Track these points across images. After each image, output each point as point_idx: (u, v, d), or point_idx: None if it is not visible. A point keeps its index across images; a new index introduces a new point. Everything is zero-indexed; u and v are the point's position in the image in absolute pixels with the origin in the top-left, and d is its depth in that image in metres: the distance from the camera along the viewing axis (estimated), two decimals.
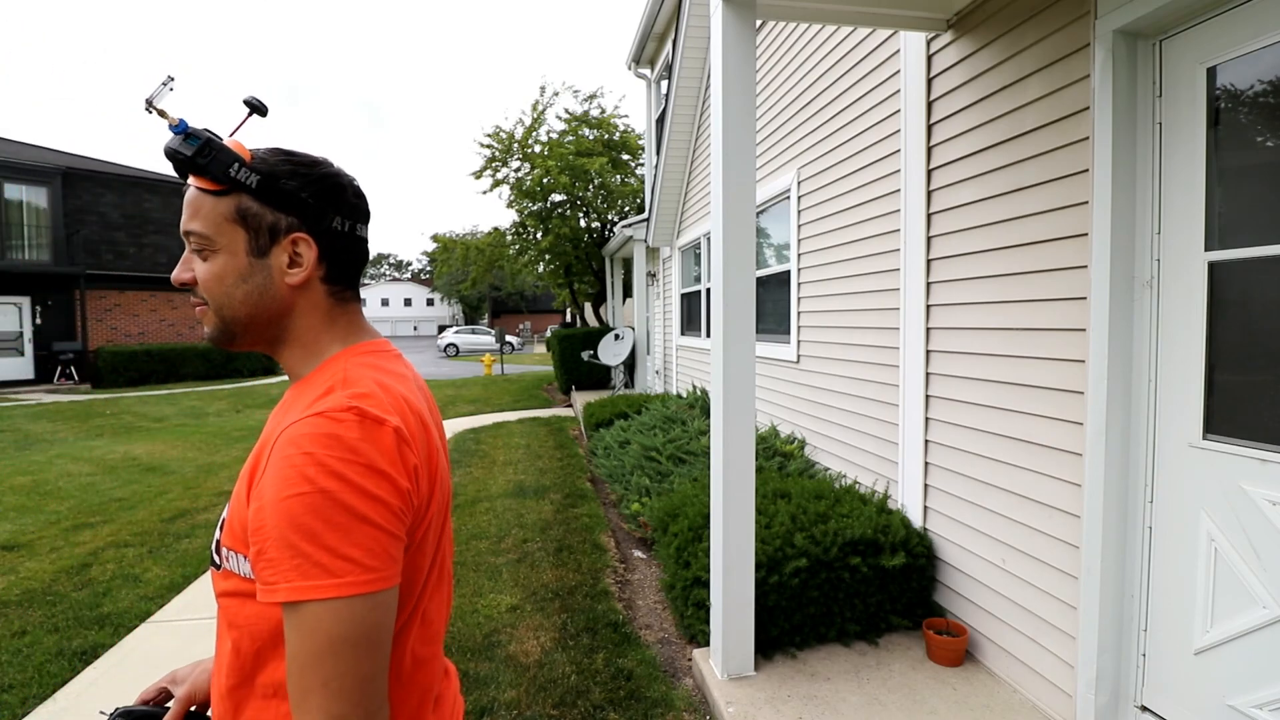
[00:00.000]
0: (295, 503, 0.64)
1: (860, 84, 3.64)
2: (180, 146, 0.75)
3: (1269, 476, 1.71)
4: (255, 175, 0.77)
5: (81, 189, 16.48)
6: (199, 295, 0.79)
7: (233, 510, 0.75)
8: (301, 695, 0.64)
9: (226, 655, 0.76)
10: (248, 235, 0.78)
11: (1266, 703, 1.72)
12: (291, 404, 0.78)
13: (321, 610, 0.63)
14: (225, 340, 0.81)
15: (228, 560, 0.75)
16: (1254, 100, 1.77)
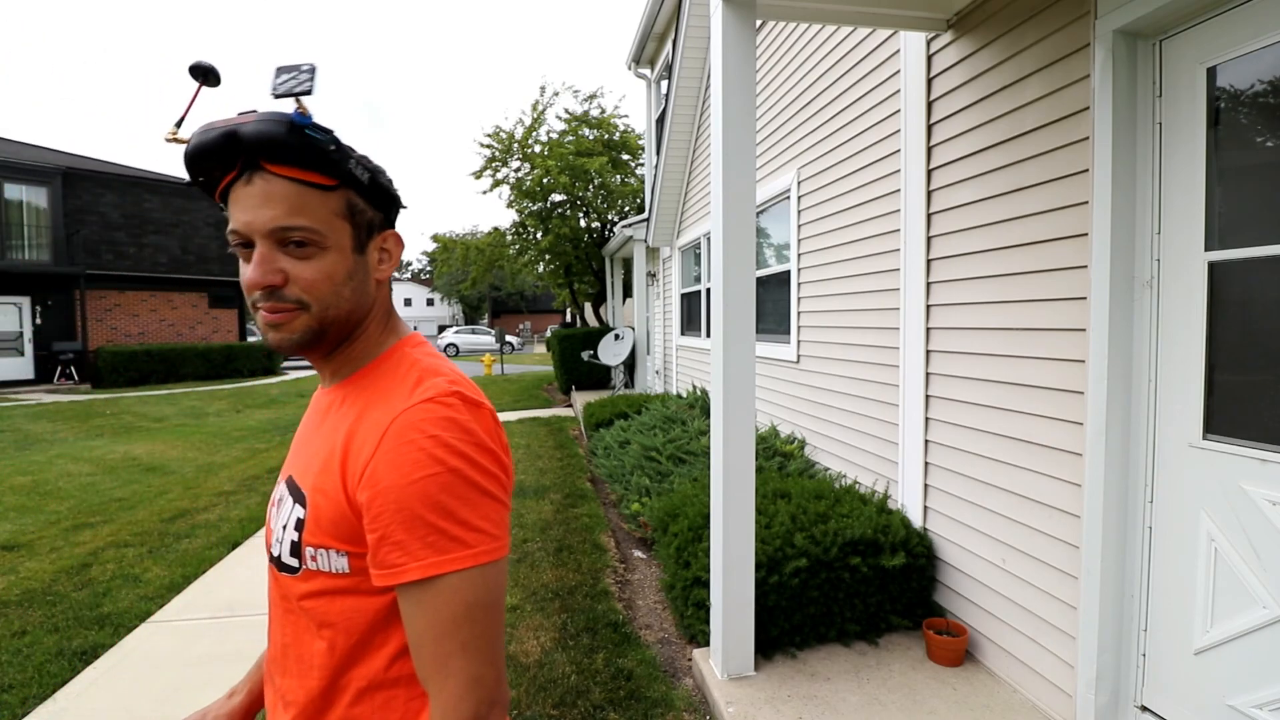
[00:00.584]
0: (430, 483, 0.67)
1: (860, 84, 3.64)
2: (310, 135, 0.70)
3: (1269, 476, 1.71)
4: (367, 171, 0.76)
5: (81, 189, 16.48)
6: (288, 300, 0.72)
7: (317, 508, 0.72)
8: (440, 663, 0.67)
9: (316, 657, 0.74)
10: (354, 232, 0.76)
11: (1267, 703, 1.72)
12: (362, 395, 0.76)
13: (458, 580, 0.67)
14: (311, 343, 0.75)
15: (313, 560, 0.73)
16: (1254, 100, 1.77)
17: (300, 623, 0.76)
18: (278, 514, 0.79)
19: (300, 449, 0.83)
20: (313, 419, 0.84)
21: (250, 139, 0.68)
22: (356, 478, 0.70)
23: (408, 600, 0.68)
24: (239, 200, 0.71)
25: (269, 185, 0.70)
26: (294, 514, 0.75)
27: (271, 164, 0.70)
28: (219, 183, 0.73)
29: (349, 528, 0.71)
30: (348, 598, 0.72)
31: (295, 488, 0.77)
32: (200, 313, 18.41)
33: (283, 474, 0.83)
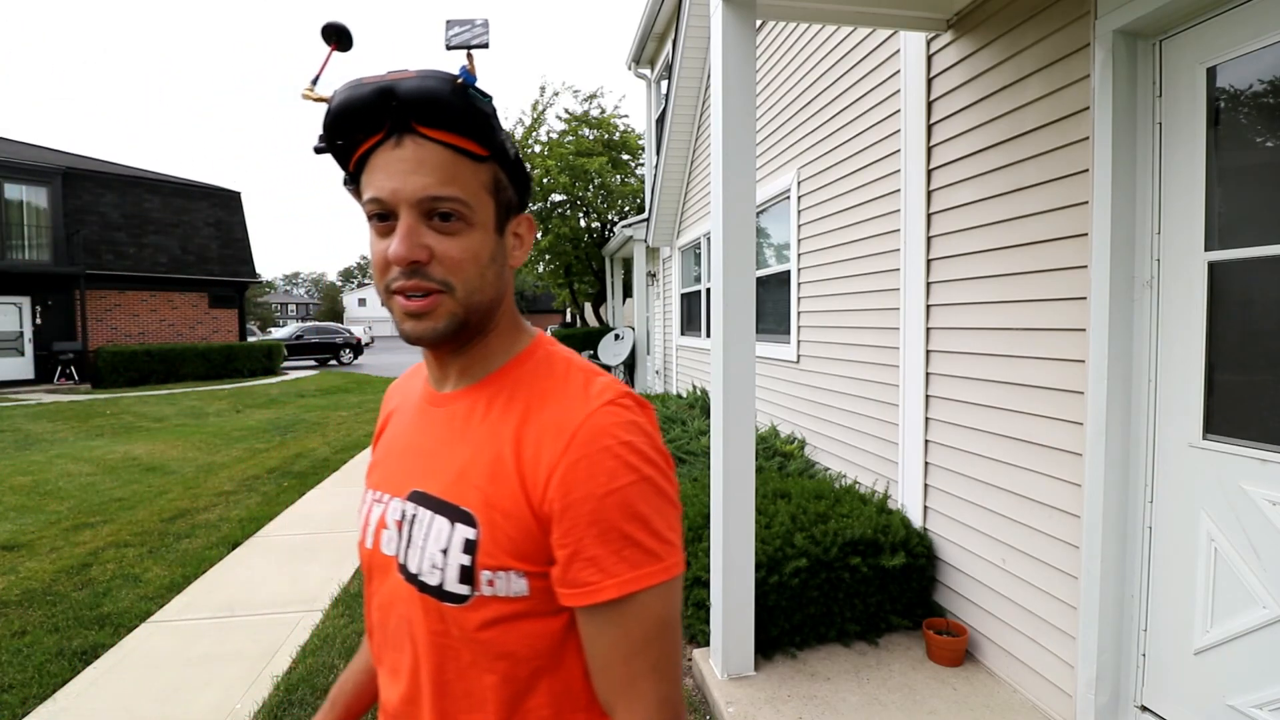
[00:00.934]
0: (628, 492, 0.61)
1: (860, 84, 3.64)
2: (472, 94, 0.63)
3: (1269, 476, 1.71)
4: (513, 146, 0.69)
5: (81, 189, 16.48)
6: (432, 280, 0.64)
7: (494, 525, 0.64)
8: (629, 684, 0.62)
9: (488, 692, 0.66)
10: (496, 210, 0.68)
11: (1267, 703, 1.72)
12: (516, 398, 0.68)
13: (649, 597, 0.62)
14: (455, 333, 0.67)
15: (490, 585, 0.64)
16: (1254, 100, 1.77)
17: (465, 657, 0.66)
18: (420, 534, 0.67)
19: (421, 458, 0.72)
20: (432, 427, 0.73)
21: (408, 96, 0.61)
22: (541, 488, 0.62)
23: (595, 619, 0.63)
24: (383, 165, 0.63)
25: (420, 150, 0.62)
26: (457, 534, 0.65)
27: (425, 126, 0.62)
28: (358, 147, 0.65)
29: (533, 545, 0.63)
30: (525, 622, 0.65)
31: (443, 504, 0.66)
32: (200, 313, 18.40)
33: (386, 486, 0.74)
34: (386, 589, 0.72)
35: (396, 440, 0.78)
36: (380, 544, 0.72)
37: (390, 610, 0.71)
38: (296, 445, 8.03)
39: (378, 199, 0.63)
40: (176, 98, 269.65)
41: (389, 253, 0.63)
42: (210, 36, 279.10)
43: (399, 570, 0.70)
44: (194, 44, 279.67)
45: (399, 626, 0.70)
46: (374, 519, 0.74)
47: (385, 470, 0.76)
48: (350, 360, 24.81)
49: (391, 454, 0.77)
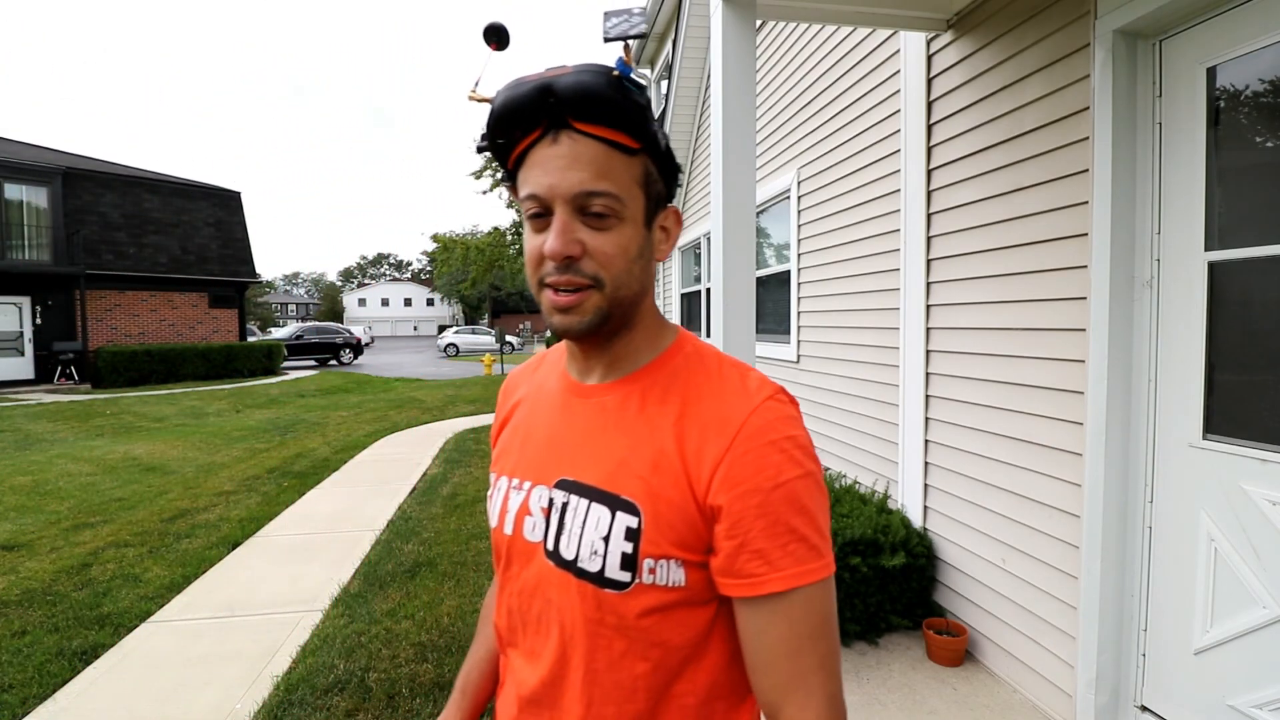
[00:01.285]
0: (795, 486, 0.62)
1: (860, 84, 3.64)
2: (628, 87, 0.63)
3: (1269, 476, 1.71)
4: (664, 135, 0.69)
5: (81, 189, 16.48)
6: (583, 274, 0.65)
7: (658, 514, 0.64)
8: (799, 680, 0.62)
9: (639, 680, 0.67)
10: (646, 203, 0.68)
11: (1267, 703, 1.72)
12: (672, 390, 0.69)
13: (814, 591, 0.62)
14: (599, 327, 0.67)
15: (651, 573, 0.64)
16: (1254, 100, 1.77)
17: (619, 644, 0.66)
18: (575, 521, 0.68)
19: (569, 446, 0.72)
20: (579, 416, 0.73)
21: (566, 92, 0.62)
22: (706, 481, 0.63)
23: (759, 612, 0.63)
24: (541, 162, 0.64)
25: (576, 145, 0.63)
26: (619, 522, 0.65)
27: (581, 121, 0.63)
28: (516, 145, 0.66)
29: (695, 535, 0.64)
30: (681, 611, 0.66)
31: (601, 492, 0.67)
32: (200, 313, 18.40)
33: (524, 474, 0.75)
34: (530, 574, 0.72)
35: (535, 429, 0.77)
36: (522, 530, 0.73)
37: (534, 595, 0.72)
38: (296, 445, 8.03)
39: (535, 195, 0.64)
40: (176, 98, 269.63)
41: (545, 247, 0.64)
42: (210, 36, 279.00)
43: (547, 556, 0.70)
44: (194, 44, 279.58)
45: (544, 611, 0.71)
46: (513, 505, 0.74)
47: (523, 457, 0.76)
48: (350, 360, 24.81)
49: (530, 442, 0.76)
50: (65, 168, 16.25)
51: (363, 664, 2.79)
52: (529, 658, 0.73)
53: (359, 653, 2.88)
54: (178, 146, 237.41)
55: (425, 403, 11.92)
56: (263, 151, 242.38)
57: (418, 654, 2.87)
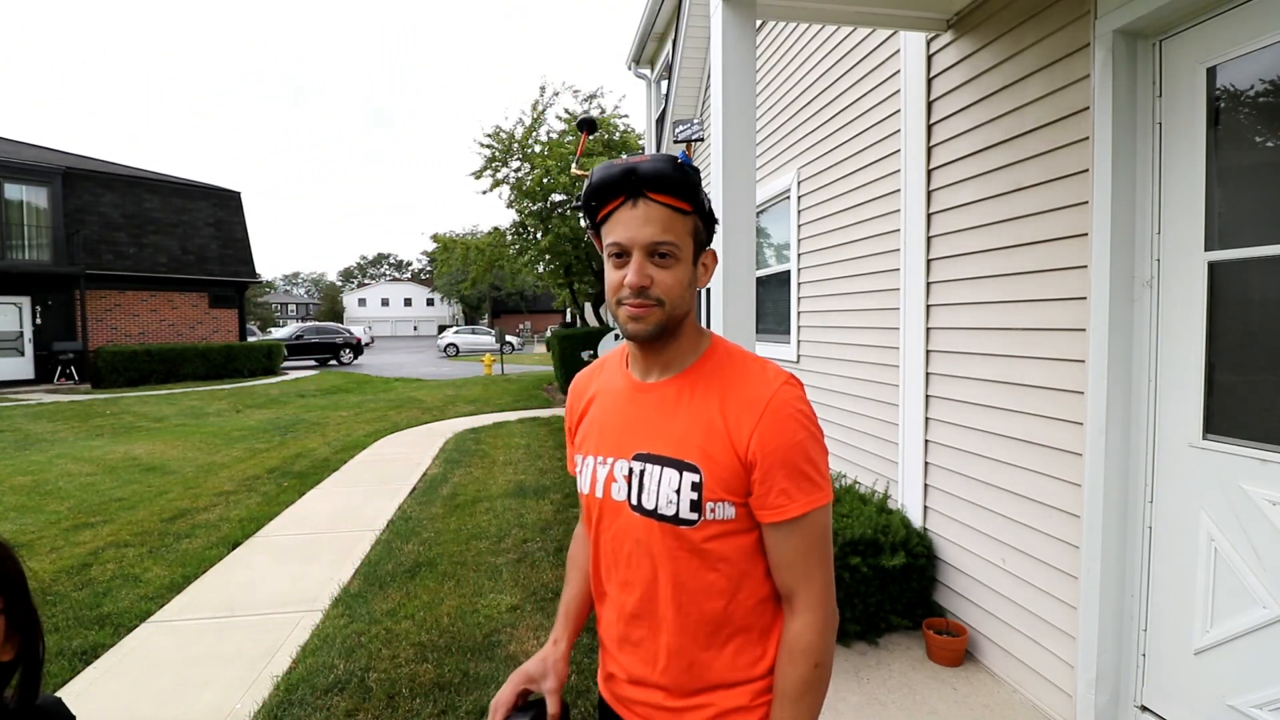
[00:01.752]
0: (805, 443, 0.91)
1: (860, 84, 3.64)
2: (688, 171, 0.91)
3: (1269, 476, 1.71)
4: (707, 200, 0.96)
5: (81, 189, 16.48)
6: (649, 298, 0.92)
7: (713, 471, 0.91)
8: (807, 572, 0.92)
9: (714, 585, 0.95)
10: (694, 248, 0.95)
11: (1267, 703, 1.72)
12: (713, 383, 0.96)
13: (818, 515, 0.92)
14: (659, 334, 0.95)
15: (712, 512, 0.92)
16: (1254, 100, 1.77)
17: (695, 562, 0.94)
18: (652, 481, 0.94)
19: (641, 429, 0.98)
20: (644, 407, 0.99)
21: (645, 174, 0.89)
22: (745, 443, 0.90)
23: (781, 531, 0.92)
24: (623, 221, 0.91)
25: (649, 209, 0.90)
26: (685, 479, 0.92)
27: (654, 193, 0.90)
28: (604, 208, 0.94)
29: (739, 483, 0.91)
30: (733, 537, 0.94)
31: (670, 460, 0.94)
32: (200, 313, 18.40)
33: (608, 451, 1.00)
34: (618, 525, 0.99)
35: (609, 418, 1.03)
36: (610, 493, 1.00)
37: (624, 539, 0.99)
38: (296, 445, 8.03)
39: (618, 243, 0.92)
40: (176, 98, 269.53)
41: (626, 279, 0.91)
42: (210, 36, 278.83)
43: (632, 510, 0.97)
44: (194, 44, 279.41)
45: (634, 550, 0.98)
46: (600, 476, 1.01)
47: (603, 440, 1.02)
48: (350, 360, 24.80)
49: (607, 429, 1.03)
50: (65, 168, 16.24)
51: (363, 664, 2.79)
52: (624, 587, 1.01)
53: (359, 653, 2.88)
54: (178, 146, 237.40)
55: (425, 403, 11.92)
56: (263, 151, 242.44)
57: (418, 654, 2.87)
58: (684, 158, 0.96)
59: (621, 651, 1.03)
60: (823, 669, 0.93)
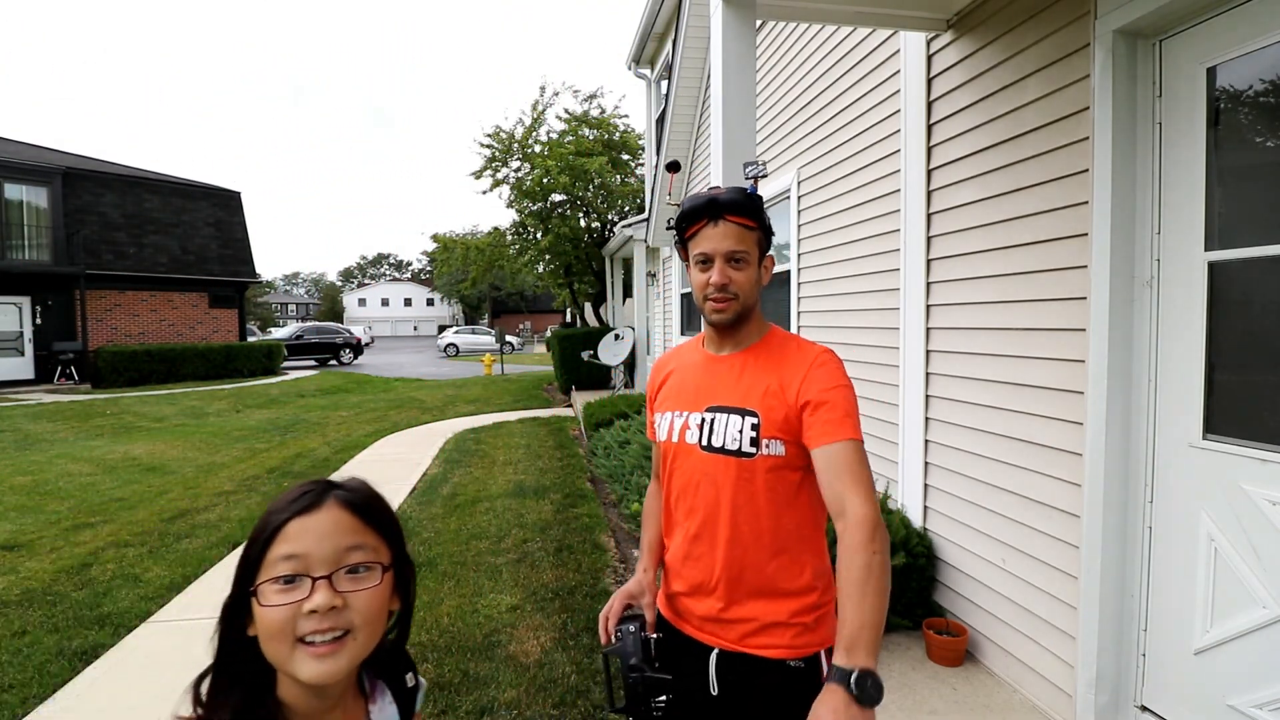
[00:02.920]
0: (843, 391, 1.18)
1: (860, 84, 3.64)
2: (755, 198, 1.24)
3: (1269, 476, 1.71)
4: (768, 219, 1.27)
5: (81, 189, 16.47)
6: (729, 293, 1.23)
7: (769, 416, 1.19)
8: (853, 483, 1.10)
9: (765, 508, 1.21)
10: (758, 254, 1.25)
11: (1267, 703, 1.72)
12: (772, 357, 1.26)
13: (856, 445, 1.13)
14: (737, 321, 1.26)
15: (766, 447, 1.19)
16: (1254, 100, 1.77)
17: (749, 489, 1.20)
18: (720, 426, 1.23)
19: (714, 390, 1.27)
20: (717, 373, 1.29)
21: (724, 202, 1.21)
22: (795, 392, 1.18)
23: (827, 452, 1.13)
24: (707, 237, 1.22)
25: (727, 228, 1.21)
26: (746, 422, 1.20)
27: (730, 215, 1.21)
28: (690, 228, 1.25)
29: (789, 425, 1.18)
30: (782, 471, 1.20)
31: (736, 409, 1.22)
32: (200, 313, 18.39)
33: (686, 407, 1.30)
34: (689, 463, 1.27)
35: (687, 383, 1.33)
36: (684, 438, 1.28)
37: (692, 474, 1.26)
38: (296, 445, 8.03)
39: (704, 253, 1.23)
40: (176, 98, 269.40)
41: (710, 280, 1.23)
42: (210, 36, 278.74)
43: (701, 449, 1.25)
44: (194, 44, 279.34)
45: (701, 480, 1.25)
46: (677, 425, 1.30)
47: (681, 398, 1.32)
48: (350, 360, 24.80)
49: (685, 390, 1.33)
50: (65, 168, 16.24)
51: None
52: (690, 514, 1.28)
53: None
54: (178, 146, 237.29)
55: (425, 403, 11.92)
56: (263, 151, 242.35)
57: (418, 654, 2.86)
58: (752, 189, 1.25)
59: (685, 566, 1.29)
60: (881, 556, 1.08)
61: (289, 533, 0.73)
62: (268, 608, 0.71)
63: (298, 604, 0.70)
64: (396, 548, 0.81)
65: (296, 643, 0.71)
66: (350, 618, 0.72)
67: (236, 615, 0.74)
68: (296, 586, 0.71)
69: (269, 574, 0.72)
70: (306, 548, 0.72)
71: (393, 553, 0.80)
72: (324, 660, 0.71)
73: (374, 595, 0.75)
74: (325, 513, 0.75)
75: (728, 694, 1.22)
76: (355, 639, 0.73)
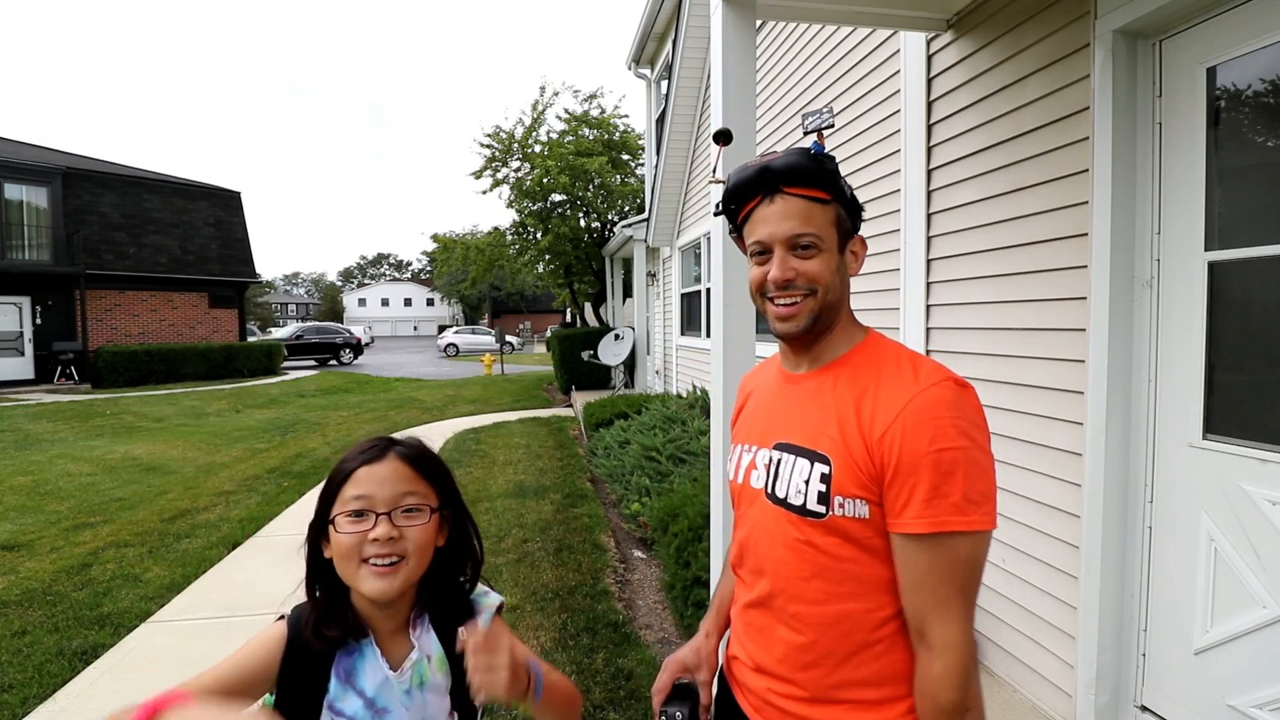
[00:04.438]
0: (953, 454, 0.82)
1: (860, 84, 3.64)
2: (824, 160, 0.90)
3: (1269, 476, 1.71)
4: (849, 188, 0.94)
5: (81, 189, 16.48)
6: (799, 290, 0.91)
7: (845, 466, 0.87)
8: (938, 604, 0.82)
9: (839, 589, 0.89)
10: (839, 236, 0.93)
11: (1266, 703, 1.72)
12: (856, 377, 0.93)
13: (958, 540, 0.82)
14: (812, 326, 0.93)
15: (841, 507, 0.87)
16: (1254, 100, 1.77)
17: (819, 561, 0.89)
18: (786, 471, 0.93)
19: (784, 420, 0.98)
20: (790, 399, 0.99)
21: (779, 169, 0.89)
22: (878, 442, 0.84)
23: (908, 547, 0.84)
24: (762, 219, 0.91)
25: (787, 204, 0.90)
26: (815, 470, 0.89)
27: (790, 186, 0.89)
28: (743, 208, 0.94)
29: (872, 482, 0.85)
30: (865, 542, 0.87)
31: (804, 450, 0.91)
32: (200, 313, 18.40)
33: (755, 440, 1.01)
34: (754, 512, 0.98)
35: (760, 409, 1.05)
36: (750, 480, 1.00)
37: (757, 526, 0.98)
38: (296, 445, 8.03)
39: (759, 241, 0.92)
40: (176, 97, 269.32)
41: (769, 275, 0.91)
42: (210, 36, 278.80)
43: (766, 498, 0.95)
44: (194, 44, 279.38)
45: (763, 538, 0.96)
46: (744, 463, 1.01)
47: (752, 430, 1.04)
48: (350, 360, 24.81)
49: (757, 419, 1.04)
50: (65, 168, 16.25)
51: None
52: (754, 575, 0.99)
53: None
54: (178, 146, 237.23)
55: (425, 403, 11.93)
56: (263, 151, 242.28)
57: None
58: (817, 147, 0.90)
59: (745, 635, 1.03)
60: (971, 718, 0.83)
61: (358, 477, 0.91)
62: (341, 534, 0.90)
63: (364, 533, 0.89)
64: (446, 494, 0.98)
65: (361, 563, 0.89)
66: (404, 546, 0.90)
67: (317, 537, 0.94)
68: (364, 520, 0.90)
69: (342, 509, 0.91)
70: (371, 490, 0.90)
71: (440, 498, 0.97)
72: (382, 579, 0.89)
73: (423, 530, 0.93)
74: (387, 463, 0.93)
75: None
76: (407, 564, 0.91)
